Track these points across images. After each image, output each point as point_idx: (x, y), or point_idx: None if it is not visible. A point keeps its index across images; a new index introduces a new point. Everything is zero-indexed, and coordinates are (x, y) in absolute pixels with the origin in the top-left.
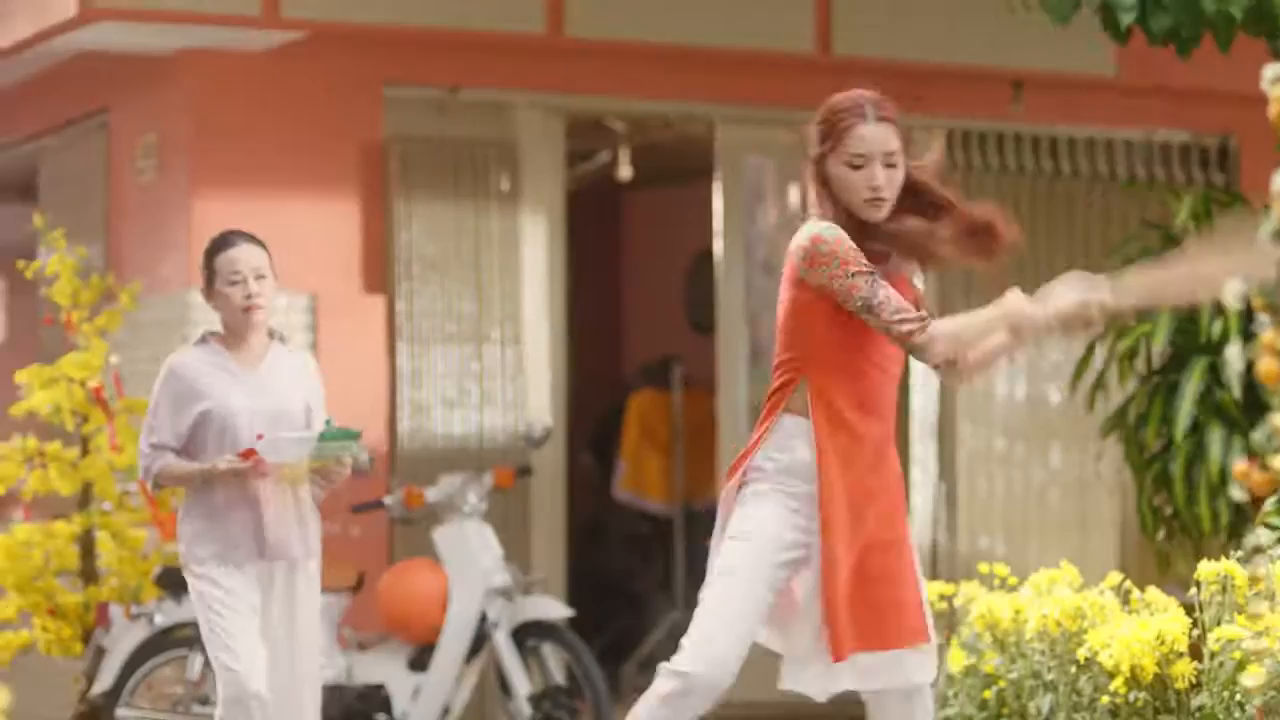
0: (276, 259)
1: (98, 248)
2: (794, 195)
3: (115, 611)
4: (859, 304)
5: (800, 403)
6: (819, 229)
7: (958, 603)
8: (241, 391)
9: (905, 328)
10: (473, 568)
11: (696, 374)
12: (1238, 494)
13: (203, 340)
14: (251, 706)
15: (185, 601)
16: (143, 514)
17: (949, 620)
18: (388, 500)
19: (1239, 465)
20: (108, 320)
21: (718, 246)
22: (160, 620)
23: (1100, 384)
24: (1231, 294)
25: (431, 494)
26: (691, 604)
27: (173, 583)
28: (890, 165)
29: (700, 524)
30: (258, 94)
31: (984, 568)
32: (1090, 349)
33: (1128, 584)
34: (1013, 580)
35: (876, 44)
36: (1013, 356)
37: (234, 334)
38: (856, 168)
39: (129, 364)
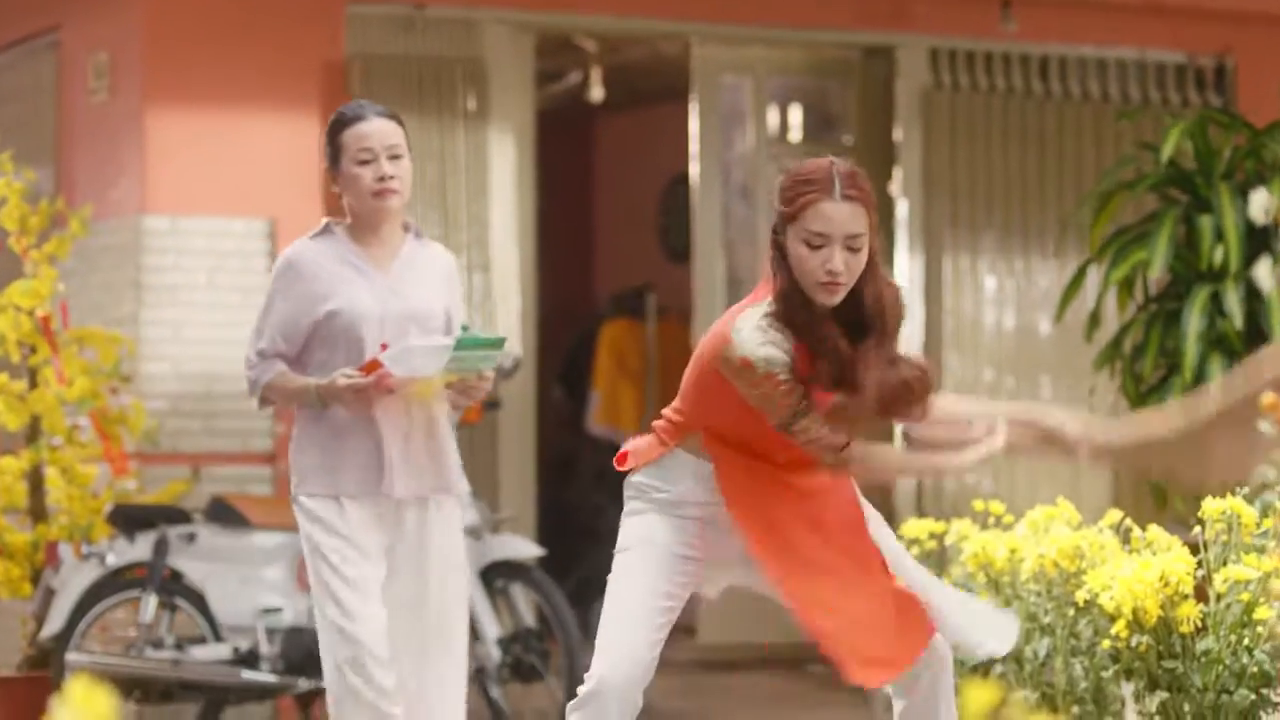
0: (232, 182)
1: (47, 171)
2: (773, 117)
3: (65, 551)
4: (775, 422)
5: (695, 445)
6: (746, 345)
7: (948, 541)
8: (370, 292)
9: (817, 453)
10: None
11: (671, 303)
12: (1265, 428)
13: (325, 230)
14: (368, 673)
15: (138, 540)
16: (94, 449)
17: (939, 560)
18: None
19: (1268, 397)
20: (57, 247)
21: (693, 170)
22: (112, 560)
23: (1095, 315)
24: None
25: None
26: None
27: (125, 521)
28: (852, 249)
29: None
30: (214, 10)
31: (978, 504)
32: (1080, 275)
33: (1128, 522)
34: (1008, 518)
35: None
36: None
37: (362, 223)
38: (815, 247)
39: (80, 292)
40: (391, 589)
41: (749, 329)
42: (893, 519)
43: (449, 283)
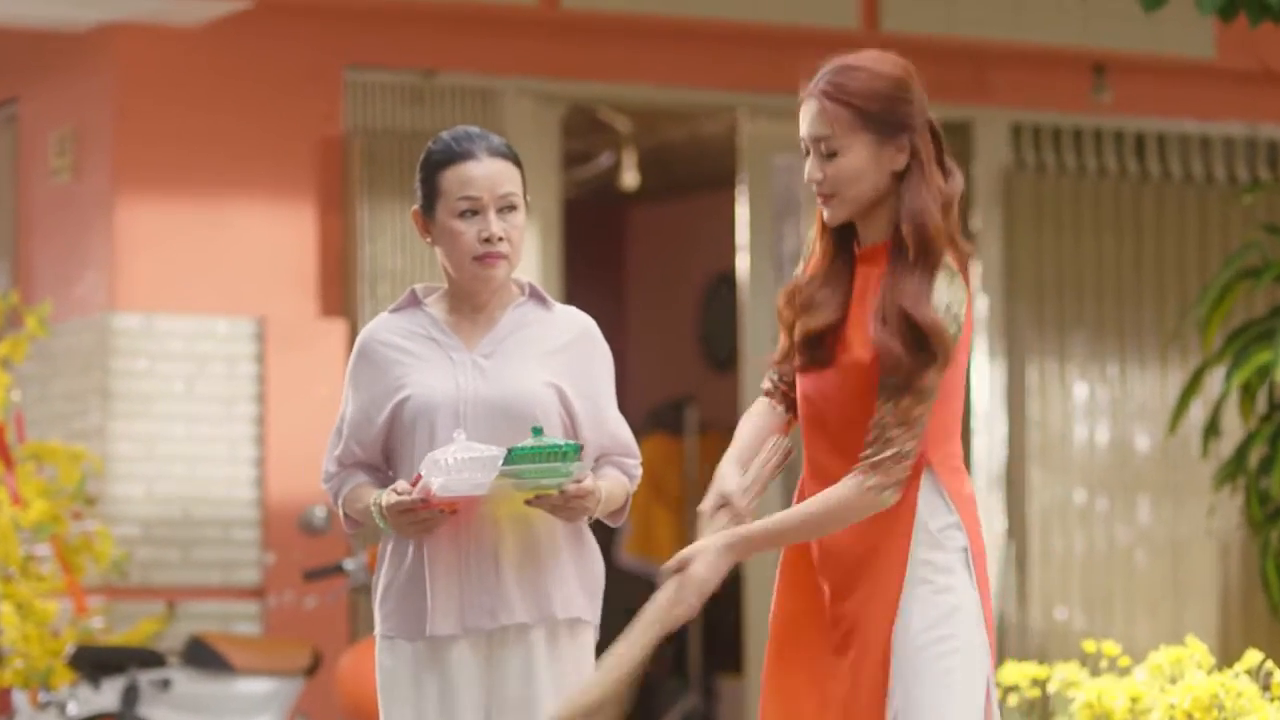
0: (215, 276)
1: (3, 263)
2: None
3: (20, 699)
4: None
5: None
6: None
7: (1052, 689)
8: (447, 372)
9: (892, 476)
10: None
11: (714, 417)
12: None
13: (409, 299)
14: None
15: (105, 687)
16: (54, 582)
17: (1042, 712)
18: (348, 564)
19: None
20: (11, 349)
21: (741, 266)
22: (74, 710)
23: (1213, 425)
24: None
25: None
26: (709, 689)
27: (89, 664)
28: (825, 154)
29: (719, 595)
30: (193, 78)
31: (1089, 645)
32: (1196, 379)
33: (1268, 665)
34: (1124, 660)
35: (932, 20)
36: None
37: (459, 292)
38: (804, 154)
39: (39, 402)
40: None
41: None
42: None
43: (575, 357)
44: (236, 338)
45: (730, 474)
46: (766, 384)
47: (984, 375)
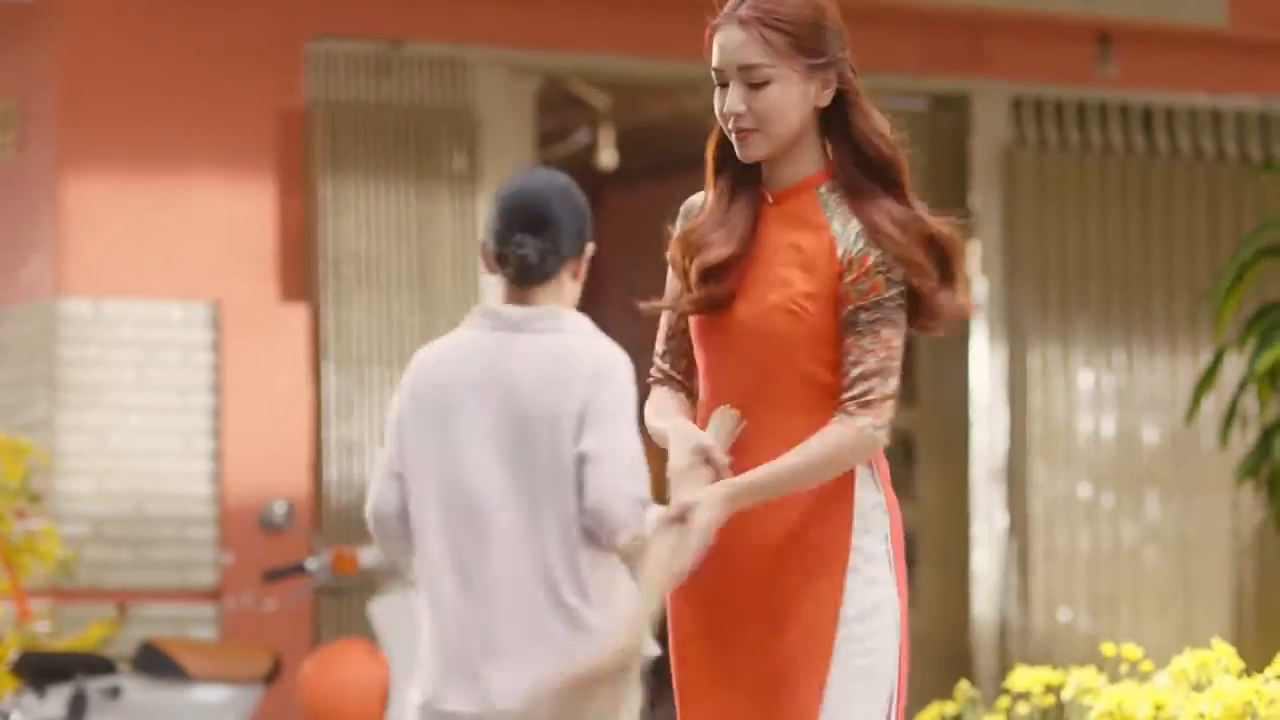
0: (168, 259)
1: None
2: None
3: None
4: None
5: None
6: None
7: (1067, 695)
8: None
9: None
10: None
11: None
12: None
13: (482, 316)
14: None
15: (50, 695)
16: None
17: None
18: (310, 565)
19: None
20: None
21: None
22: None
23: (1233, 413)
24: None
25: (367, 557)
26: None
27: (34, 671)
28: (756, 84)
29: None
30: (145, 49)
31: (1108, 649)
32: (1215, 364)
33: None
34: (1145, 665)
35: None
36: None
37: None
38: (720, 85)
39: None
40: None
41: None
42: (966, 661)
43: (572, 382)
44: (191, 323)
45: (697, 431)
46: (655, 374)
47: (984, 363)
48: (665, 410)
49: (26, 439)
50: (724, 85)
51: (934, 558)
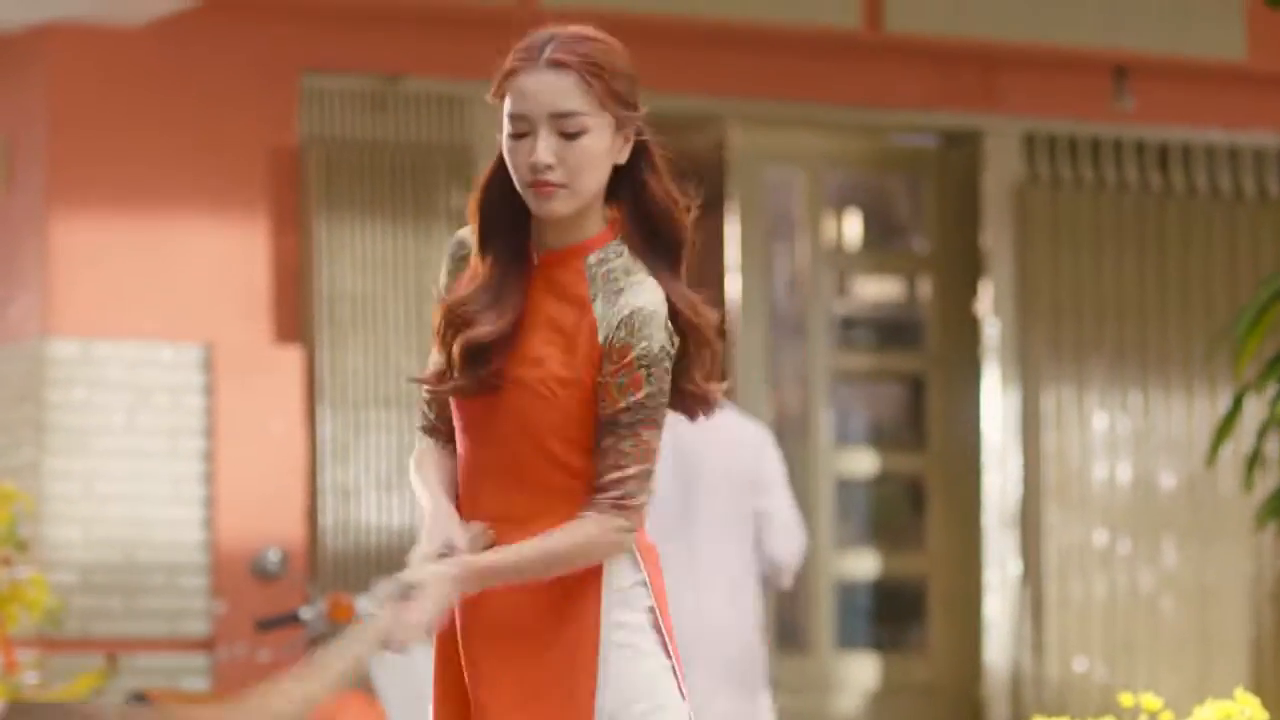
0: (158, 299)
1: None
2: (830, 223)
3: None
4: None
5: None
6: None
7: None
8: None
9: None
10: (421, 703)
11: None
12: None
13: None
14: None
15: None
16: None
17: None
18: (305, 614)
19: None
20: None
21: (730, 291)
22: None
23: (1256, 456)
24: None
25: (364, 605)
26: None
27: None
28: (570, 134)
29: None
30: (135, 85)
31: (1127, 699)
32: (1236, 407)
33: None
34: (1166, 715)
35: (938, 19)
36: None
37: None
38: (517, 135)
39: None
40: None
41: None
42: (979, 712)
43: None
44: (182, 366)
45: (452, 522)
46: (423, 421)
47: (996, 405)
48: (428, 477)
49: (13, 484)
50: (521, 136)
51: (945, 606)
